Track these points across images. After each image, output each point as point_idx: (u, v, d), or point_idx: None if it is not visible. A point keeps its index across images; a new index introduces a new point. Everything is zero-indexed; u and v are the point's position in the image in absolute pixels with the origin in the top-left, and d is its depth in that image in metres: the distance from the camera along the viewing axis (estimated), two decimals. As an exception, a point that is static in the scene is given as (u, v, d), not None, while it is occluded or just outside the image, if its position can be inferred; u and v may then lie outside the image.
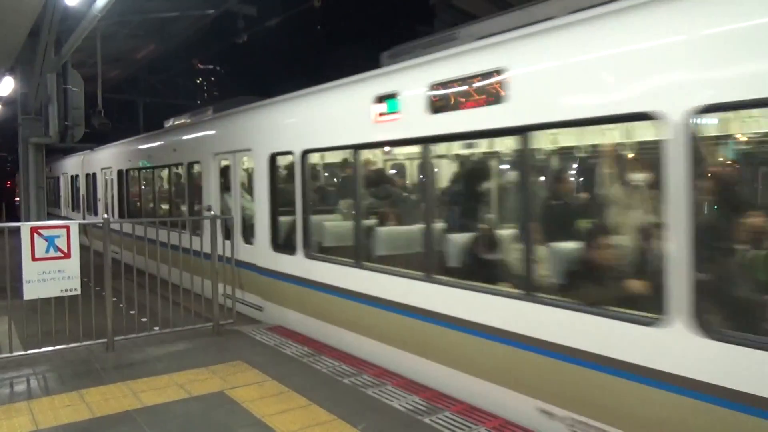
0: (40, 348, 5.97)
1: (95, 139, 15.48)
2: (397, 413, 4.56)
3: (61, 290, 5.91)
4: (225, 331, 7.05)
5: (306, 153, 6.83)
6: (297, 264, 7.00)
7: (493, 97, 4.38)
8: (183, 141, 10.82)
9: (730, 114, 3.86)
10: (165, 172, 11.90)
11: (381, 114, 5.60)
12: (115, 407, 4.70)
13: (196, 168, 9.90)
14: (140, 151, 12.98)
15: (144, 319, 7.02)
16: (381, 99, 5.58)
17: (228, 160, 8.73)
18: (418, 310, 5.21)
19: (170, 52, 18.36)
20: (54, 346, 6.03)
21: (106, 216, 6.24)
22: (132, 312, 6.79)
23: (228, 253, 7.60)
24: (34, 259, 5.77)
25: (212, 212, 8.45)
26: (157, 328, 6.81)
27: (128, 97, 29.67)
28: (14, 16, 7.70)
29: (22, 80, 11.74)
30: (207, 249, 7.18)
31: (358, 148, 6.04)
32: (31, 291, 5.75)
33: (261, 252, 7.76)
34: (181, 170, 10.88)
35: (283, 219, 7.56)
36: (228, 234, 8.14)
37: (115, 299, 6.37)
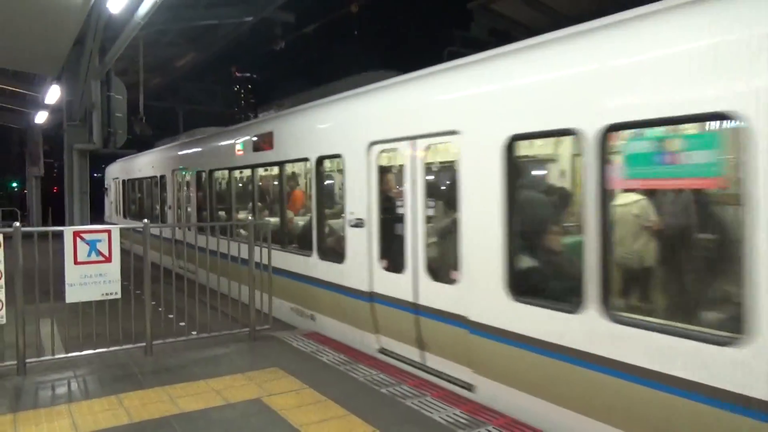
0: (81, 351, 6.03)
1: (137, 145, 15.86)
2: (437, 426, 4.41)
3: (102, 294, 5.96)
4: (261, 336, 7.01)
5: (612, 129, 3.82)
6: None
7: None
8: (310, 130, 7.72)
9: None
10: (273, 172, 9.41)
11: None
12: (153, 413, 4.68)
13: (329, 165, 7.71)
14: (233, 148, 9.89)
15: (182, 323, 7.04)
16: None
17: (397, 150, 6.02)
18: None
19: (209, 60, 18.68)
20: (95, 350, 6.08)
21: (146, 220, 6.28)
22: (170, 316, 6.81)
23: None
24: (76, 262, 5.84)
25: (361, 224, 6.43)
26: (194, 332, 6.82)
27: (168, 105, 30.30)
28: (60, 26, 7.91)
29: (68, 88, 12.10)
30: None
31: None
32: (72, 294, 5.82)
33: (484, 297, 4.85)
34: (300, 169, 8.98)
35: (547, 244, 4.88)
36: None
37: (153, 303, 6.39)
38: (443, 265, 5.49)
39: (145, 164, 15.77)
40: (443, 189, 5.71)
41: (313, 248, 7.34)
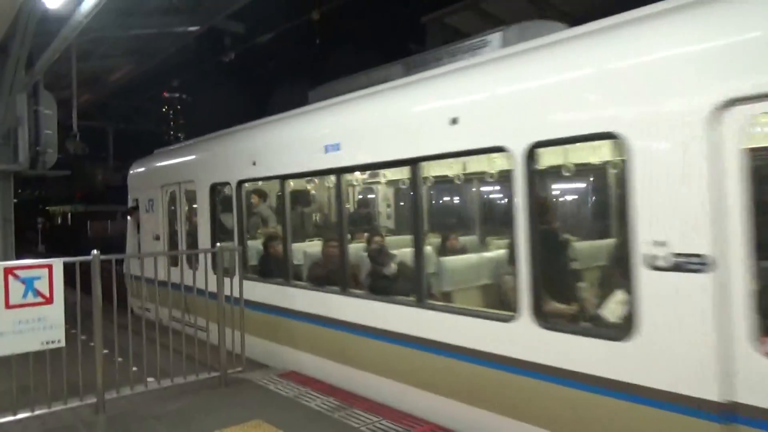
0: (14, 414, 4.93)
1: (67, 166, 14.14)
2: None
3: (42, 342, 4.91)
4: (233, 380, 6.09)
5: None
6: None
7: None
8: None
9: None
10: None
11: None
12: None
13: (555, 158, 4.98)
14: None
15: (134, 369, 5.97)
16: None
17: None
18: None
19: (146, 75, 17.44)
20: (32, 411, 4.99)
21: (96, 251, 5.28)
22: (135, 368, 5.70)
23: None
24: (8, 306, 4.78)
25: (693, 265, 3.28)
26: (151, 379, 5.81)
27: (97, 124, 28.47)
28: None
29: (-12, 102, 10.70)
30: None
31: None
32: (5, 346, 4.75)
33: None
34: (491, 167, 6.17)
35: None
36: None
37: (106, 351, 5.37)
38: None
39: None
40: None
41: (520, 303, 4.24)
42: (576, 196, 7.99)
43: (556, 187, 7.27)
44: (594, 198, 7.39)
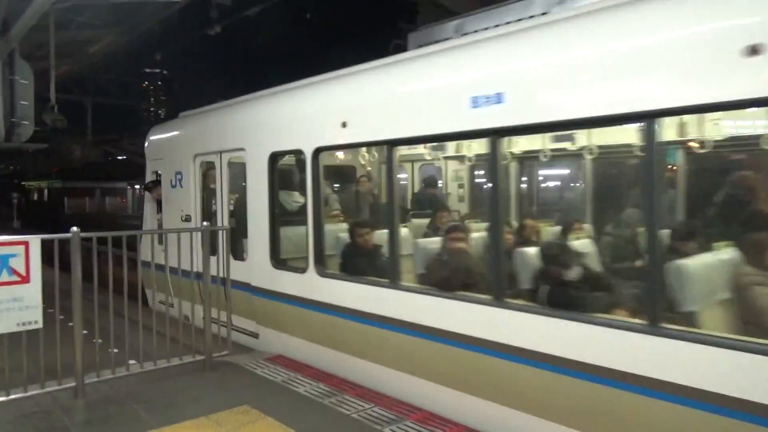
0: (-12, 397, 4.70)
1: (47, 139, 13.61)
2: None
3: (18, 324, 4.66)
4: (219, 364, 5.90)
5: None
6: None
7: None
8: None
9: None
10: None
11: None
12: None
13: None
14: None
15: (115, 351, 5.70)
16: None
17: None
18: None
19: (128, 47, 16.86)
20: (7, 395, 4.75)
21: (75, 228, 4.99)
22: (116, 350, 5.43)
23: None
24: (-19, 284, 4.52)
25: None
26: (133, 361, 5.59)
27: (76, 97, 27.72)
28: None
29: (-41, 70, 10.21)
30: None
31: None
32: (-22, 326, 4.49)
33: None
34: None
35: None
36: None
37: (86, 332, 5.13)
38: None
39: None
40: None
41: None
42: None
43: None
44: None
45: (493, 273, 4.31)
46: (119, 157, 37.41)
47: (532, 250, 4.87)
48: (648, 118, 3.33)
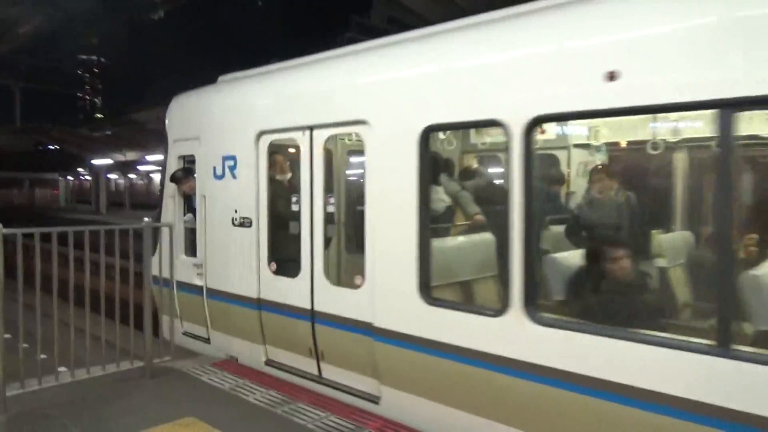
0: None
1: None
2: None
3: (-73, 329, 4.11)
4: (160, 370, 5.46)
5: None
6: None
7: None
8: None
9: None
10: None
11: None
12: None
13: None
14: None
15: (43, 357, 5.18)
16: None
17: None
18: None
19: (61, 29, 15.89)
20: None
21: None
22: (44, 356, 4.94)
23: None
24: None
25: None
26: (64, 369, 5.09)
27: (3, 81, 26.12)
28: None
29: None
30: None
31: None
32: None
33: None
34: None
35: None
36: None
37: (9, 336, 4.60)
38: None
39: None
40: None
41: None
42: None
43: None
44: None
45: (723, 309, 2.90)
46: (50, 147, 35.45)
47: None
48: None
